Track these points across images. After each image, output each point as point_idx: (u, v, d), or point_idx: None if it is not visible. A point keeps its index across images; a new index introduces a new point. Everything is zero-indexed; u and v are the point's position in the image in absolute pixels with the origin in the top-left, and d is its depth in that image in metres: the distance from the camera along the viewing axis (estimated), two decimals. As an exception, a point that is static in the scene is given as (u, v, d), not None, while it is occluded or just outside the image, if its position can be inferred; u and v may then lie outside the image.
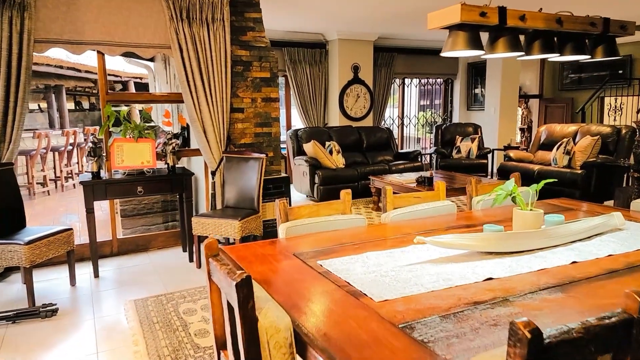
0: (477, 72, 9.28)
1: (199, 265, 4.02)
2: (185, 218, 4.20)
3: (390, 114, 9.15)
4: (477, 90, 9.34)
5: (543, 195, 6.24)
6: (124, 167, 3.86)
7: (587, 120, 8.91)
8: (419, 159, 7.52)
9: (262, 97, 4.71)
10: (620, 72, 9.33)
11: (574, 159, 6.09)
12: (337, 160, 6.82)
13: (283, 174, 4.77)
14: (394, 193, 2.43)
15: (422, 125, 9.73)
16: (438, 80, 9.60)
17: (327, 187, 6.55)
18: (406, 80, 9.23)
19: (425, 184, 5.24)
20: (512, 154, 7.00)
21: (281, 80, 7.97)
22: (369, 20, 6.80)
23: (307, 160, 6.66)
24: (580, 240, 1.92)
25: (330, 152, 6.80)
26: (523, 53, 1.92)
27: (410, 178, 5.55)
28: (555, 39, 1.93)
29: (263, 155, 4.12)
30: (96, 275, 3.86)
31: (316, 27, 7.42)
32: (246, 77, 4.60)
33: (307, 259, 1.72)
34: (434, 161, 7.93)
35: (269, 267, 1.66)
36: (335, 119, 8.06)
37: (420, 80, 9.40)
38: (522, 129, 10.58)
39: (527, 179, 6.50)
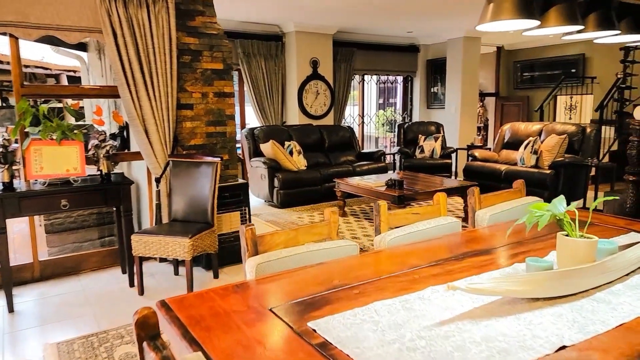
0: (436, 69, 9.05)
1: (141, 292, 3.37)
2: (125, 234, 3.53)
3: (351, 112, 8.73)
4: (437, 89, 9.11)
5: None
6: (44, 175, 3.15)
7: (545, 118, 8.90)
8: (383, 159, 7.14)
9: (215, 92, 4.11)
10: (574, 70, 9.42)
11: (541, 158, 5.90)
12: (298, 162, 6.29)
13: (241, 180, 4.19)
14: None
15: (383, 124, 9.40)
16: (398, 77, 9.29)
17: (288, 191, 6.01)
18: (366, 77, 8.84)
19: (396, 187, 4.83)
20: (477, 153, 6.76)
21: (234, 75, 7.33)
22: (327, 11, 6.32)
23: (265, 162, 6.09)
24: (633, 272, 1.51)
25: (291, 153, 6.26)
26: (581, 27, 1.51)
27: (379, 181, 5.12)
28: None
29: (217, 159, 3.53)
30: (11, 309, 3.13)
31: (272, 18, 6.85)
32: (195, 69, 3.98)
33: (291, 318, 1.20)
34: (397, 161, 7.58)
35: (237, 337, 1.12)
36: (294, 117, 7.53)
37: (380, 78, 9.04)
38: (478, 127, 10.50)
39: (494, 179, 6.27)
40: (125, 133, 4.38)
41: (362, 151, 7.40)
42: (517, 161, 6.26)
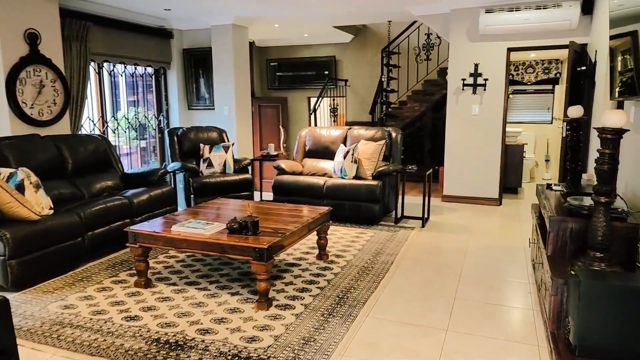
0: (197, 62, 7.40)
1: None
2: None
3: (88, 114, 6.12)
4: (200, 85, 7.47)
5: (339, 216, 4.98)
6: None
7: (317, 121, 8.54)
8: (167, 181, 5.10)
9: None
10: (326, 72, 9.45)
11: (361, 167, 5.25)
12: (37, 203, 3.66)
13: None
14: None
15: (136, 129, 7.08)
16: (148, 69, 7.15)
17: (27, 259, 3.39)
18: (106, 65, 6.38)
19: (249, 230, 3.16)
20: (283, 164, 5.61)
21: None
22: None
23: (-32, 211, 3.23)
24: None
25: (21, 189, 3.57)
26: None
27: (213, 225, 3.29)
28: None
29: None
30: None
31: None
32: None
33: None
34: (180, 182, 5.64)
35: None
36: (1, 124, 4.55)
37: (126, 67, 6.71)
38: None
39: (314, 195, 5.26)
40: None
41: (129, 172, 5.14)
42: (333, 172, 5.44)
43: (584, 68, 4.96)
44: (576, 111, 3.72)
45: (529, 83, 8.07)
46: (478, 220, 5.28)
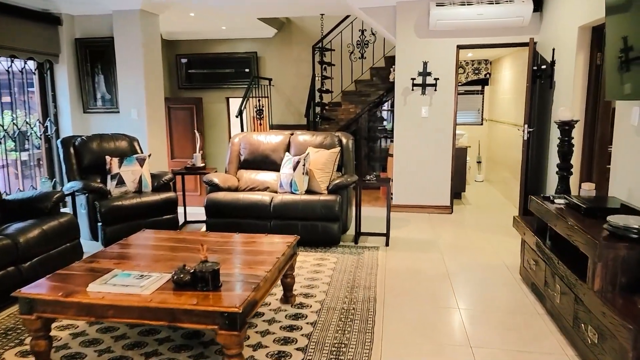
0: (94, 54, 6.08)
1: None
2: None
3: (-55, 120, 4.60)
4: (99, 83, 6.15)
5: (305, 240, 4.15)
6: None
7: (243, 125, 7.57)
8: (62, 207, 3.88)
9: None
10: (247, 70, 8.53)
11: (314, 180, 4.51)
12: None
13: None
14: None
15: (14, 139, 5.57)
16: (29, 62, 5.68)
17: None
18: (-31, 55, 4.88)
19: (207, 285, 2.25)
20: (216, 179, 4.65)
21: None
22: None
23: None
24: None
25: None
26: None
27: (152, 279, 2.31)
28: None
29: None
30: None
31: None
32: None
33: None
34: (81, 207, 4.38)
35: None
36: None
37: (-3, 59, 5.23)
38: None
39: (258, 215, 4.37)
40: None
41: (8, 197, 3.82)
42: (279, 187, 4.62)
43: (543, 67, 4.72)
44: (567, 112, 3.35)
45: (459, 84, 7.93)
46: (439, 233, 4.82)
